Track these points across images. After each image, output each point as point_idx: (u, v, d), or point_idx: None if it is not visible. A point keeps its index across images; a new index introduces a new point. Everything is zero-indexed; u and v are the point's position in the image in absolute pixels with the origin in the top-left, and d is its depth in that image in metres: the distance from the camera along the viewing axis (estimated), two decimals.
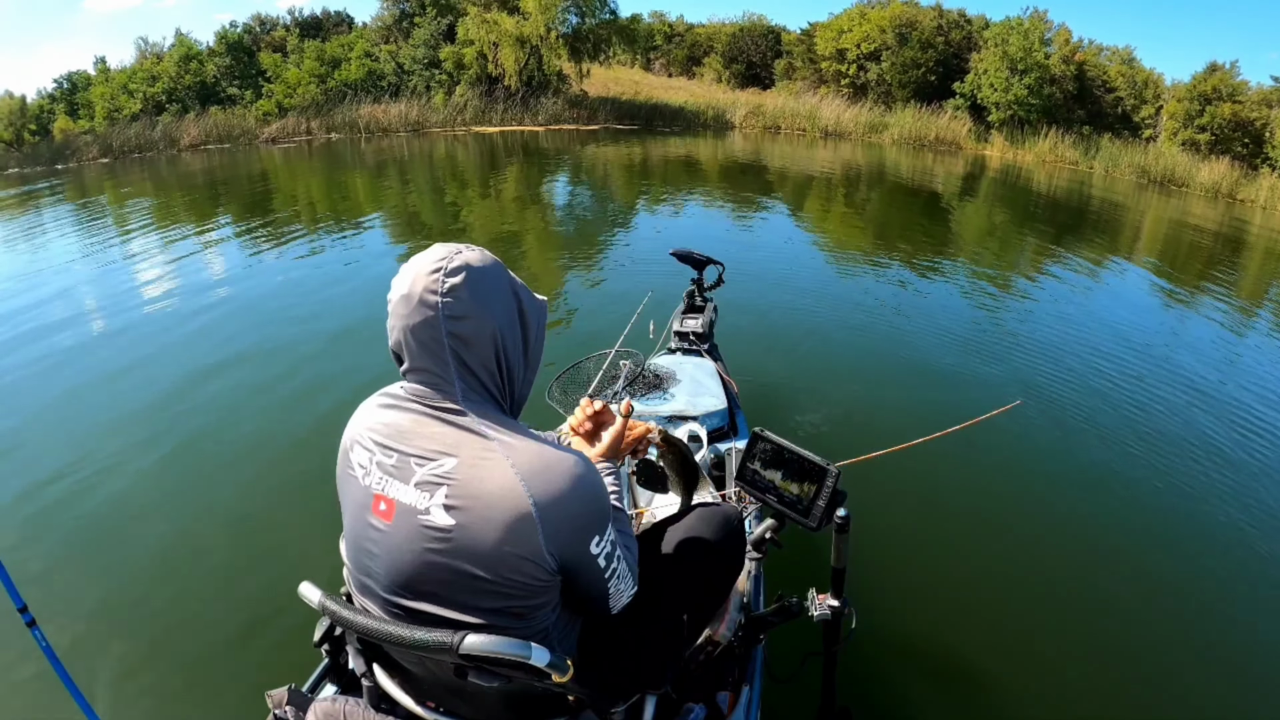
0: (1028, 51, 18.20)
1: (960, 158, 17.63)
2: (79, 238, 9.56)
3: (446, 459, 0.95)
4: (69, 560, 2.73)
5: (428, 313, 0.97)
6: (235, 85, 20.50)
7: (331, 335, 5.06)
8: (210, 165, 17.00)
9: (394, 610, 1.02)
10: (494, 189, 11.86)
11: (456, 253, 1.00)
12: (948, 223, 10.16)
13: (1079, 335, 5.39)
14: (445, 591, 0.97)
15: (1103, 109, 18.97)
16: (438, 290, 0.96)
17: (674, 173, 13.56)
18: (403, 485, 0.97)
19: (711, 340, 3.19)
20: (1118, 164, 17.02)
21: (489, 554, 0.93)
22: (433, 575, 0.96)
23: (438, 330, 0.97)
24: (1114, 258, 8.58)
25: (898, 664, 2.17)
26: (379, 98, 19.45)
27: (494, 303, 1.00)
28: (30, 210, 12.88)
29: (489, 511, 0.93)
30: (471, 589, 0.96)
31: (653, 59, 25.66)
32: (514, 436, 0.98)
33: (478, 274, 0.99)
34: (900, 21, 19.73)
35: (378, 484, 1.00)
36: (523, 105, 19.26)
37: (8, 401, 4.19)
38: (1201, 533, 3.08)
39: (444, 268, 0.98)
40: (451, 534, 0.93)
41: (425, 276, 0.97)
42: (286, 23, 21.51)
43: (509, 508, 0.93)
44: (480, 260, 1.01)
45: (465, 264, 0.99)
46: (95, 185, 15.67)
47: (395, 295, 1.00)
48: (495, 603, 0.97)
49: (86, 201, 13.47)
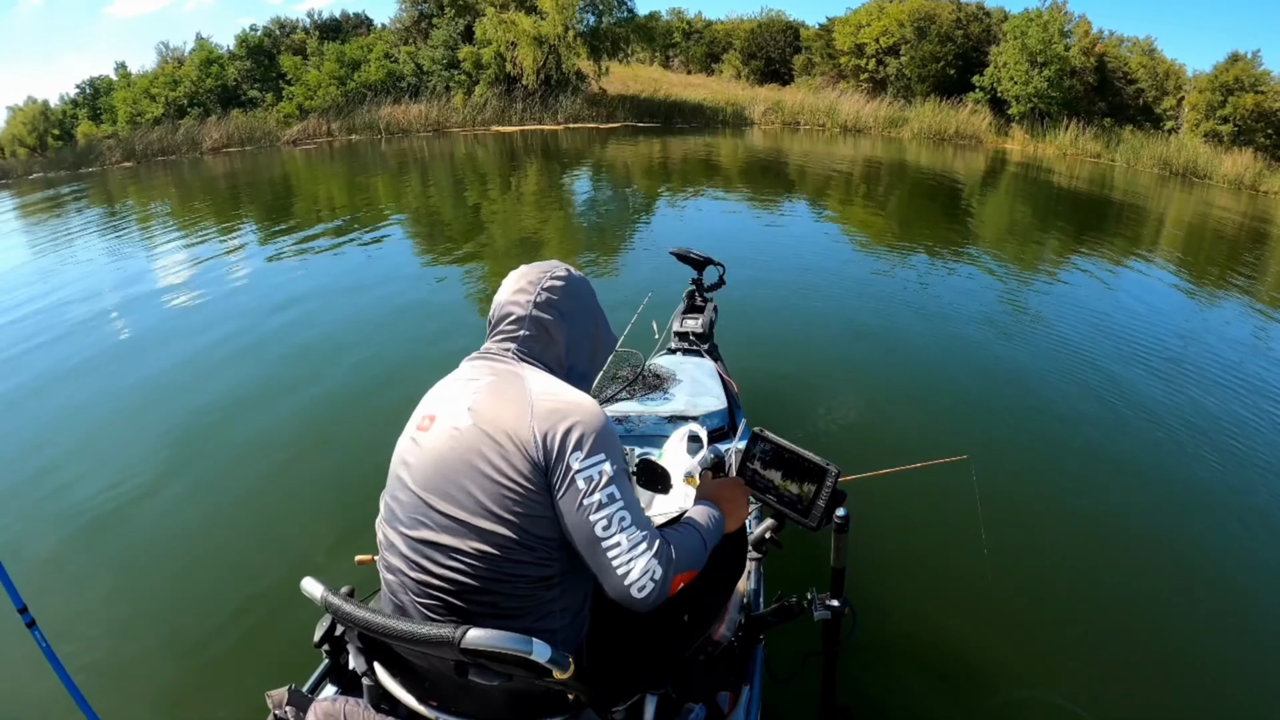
0: (1047, 44, 18.10)
1: (980, 152, 17.57)
2: (102, 238, 9.74)
3: (485, 378, 1.16)
4: (69, 560, 2.73)
5: (526, 295, 1.22)
6: (256, 88, 20.67)
7: (339, 339, 5.02)
8: (233, 167, 17.21)
9: (419, 519, 1.10)
10: (514, 188, 11.92)
11: (564, 268, 1.27)
12: (966, 220, 10.05)
13: (1088, 341, 5.20)
14: (462, 488, 1.07)
15: (1124, 101, 18.86)
16: (539, 284, 1.23)
17: (692, 171, 13.52)
18: (447, 405, 1.15)
19: (711, 340, 3.18)
20: (1139, 156, 16.92)
21: (492, 444, 1.07)
22: (451, 471, 1.08)
23: (527, 302, 1.22)
24: (1137, 253, 8.47)
25: (898, 664, 2.17)
26: (399, 99, 19.57)
27: (579, 315, 1.26)
28: (55, 214, 13.07)
29: (498, 410, 1.10)
30: (482, 486, 1.06)
31: (671, 56, 25.68)
32: (548, 376, 1.19)
33: (572, 288, 1.26)
34: (919, 15, 19.65)
35: (429, 407, 1.19)
36: (542, 104, 19.32)
37: (8, 402, 4.22)
38: (1208, 531, 3.03)
39: (552, 272, 1.25)
40: (466, 431, 1.09)
41: (537, 272, 1.25)
42: (306, 25, 21.67)
43: (514, 404, 1.10)
44: (578, 280, 1.28)
45: (566, 277, 1.26)
46: (119, 188, 15.87)
47: (509, 278, 1.27)
48: (503, 508, 1.05)
49: (110, 204, 13.66)
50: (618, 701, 1.20)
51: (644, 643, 1.27)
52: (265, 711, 1.16)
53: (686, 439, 2.15)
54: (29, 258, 8.78)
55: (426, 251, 7.93)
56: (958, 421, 3.84)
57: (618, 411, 2.37)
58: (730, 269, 3.34)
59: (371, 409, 3.76)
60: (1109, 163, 17.10)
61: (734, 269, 3.41)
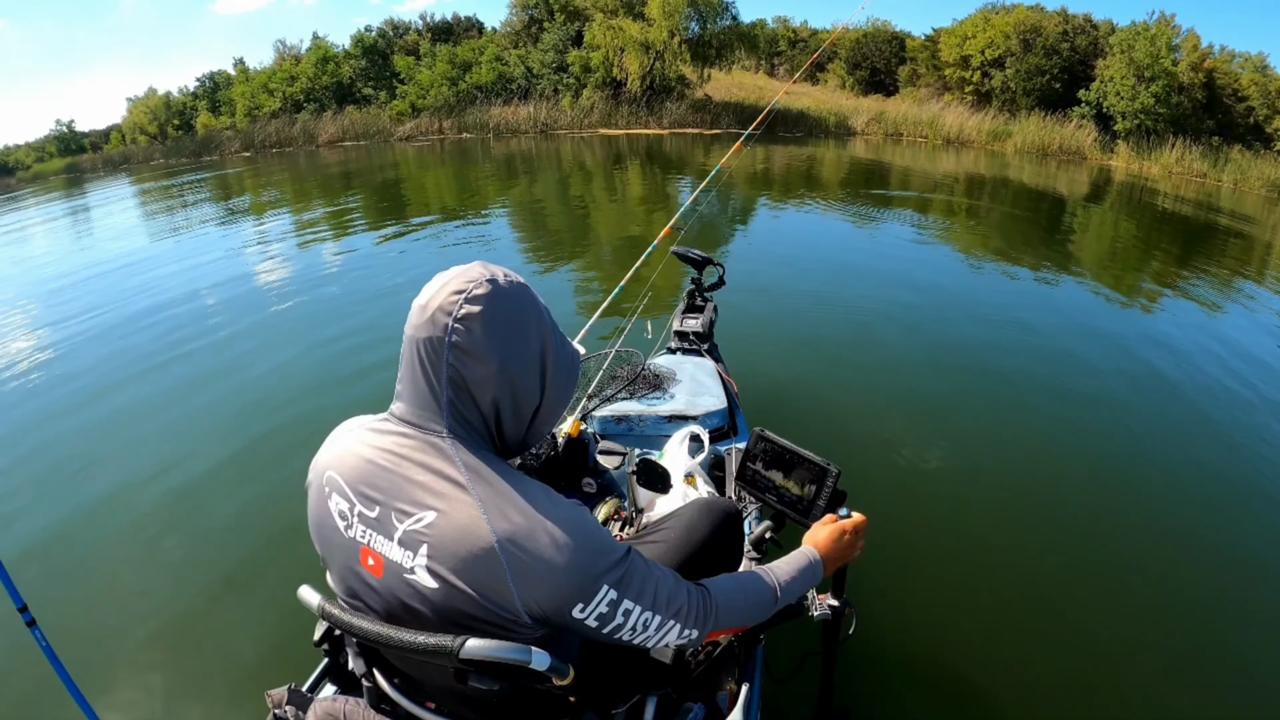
0: (1154, 58, 17.76)
1: (1084, 168, 17.39)
2: (220, 220, 10.26)
3: (426, 513, 0.90)
4: (70, 560, 2.72)
5: (435, 333, 0.89)
6: (370, 86, 21.56)
7: (345, 342, 4.81)
8: (347, 161, 17.85)
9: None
10: (619, 189, 12.09)
11: (486, 280, 0.90)
12: (1053, 237, 9.36)
13: (1100, 349, 4.94)
14: (443, 629, 0.94)
15: (1233, 119, 18.46)
16: (451, 314, 0.88)
17: (794, 179, 13.41)
18: (387, 541, 0.92)
19: (711, 340, 3.15)
20: (1246, 177, 16.67)
21: (474, 613, 0.90)
22: (424, 622, 0.93)
23: (439, 357, 0.90)
24: (1244, 278, 7.59)
25: (897, 664, 2.15)
26: (508, 100, 20.21)
27: (510, 345, 0.91)
28: (182, 197, 13.86)
29: (468, 574, 0.88)
30: (469, 632, 0.91)
31: (777, 65, 25.70)
32: (498, 489, 0.90)
33: (500, 311, 0.90)
34: (1025, 27, 19.38)
35: (362, 536, 0.95)
36: (647, 108, 19.67)
37: (9, 400, 4.24)
38: (1221, 529, 2.96)
39: (466, 292, 0.89)
40: (435, 596, 0.90)
41: (445, 296, 0.89)
42: (418, 27, 22.49)
43: (485, 571, 0.88)
44: (510, 296, 0.91)
45: (489, 296, 0.89)
46: (238, 177, 16.63)
47: (413, 306, 0.92)
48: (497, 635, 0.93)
49: (234, 191, 14.31)
50: (618, 703, 1.21)
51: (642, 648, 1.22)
52: (265, 711, 1.16)
53: (688, 439, 2.13)
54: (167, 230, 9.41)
55: (532, 248, 8.03)
56: (960, 423, 3.78)
57: (618, 411, 2.35)
58: (791, 273, 3.26)
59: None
60: (1215, 183, 16.84)
61: (748, 268, 3.35)
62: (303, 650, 1.41)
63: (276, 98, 22.11)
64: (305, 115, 21.55)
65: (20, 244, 11.00)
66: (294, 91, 21.95)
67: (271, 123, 21.82)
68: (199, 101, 23.84)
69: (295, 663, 1.48)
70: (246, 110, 22.35)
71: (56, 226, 12.56)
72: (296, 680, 1.25)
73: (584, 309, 5.09)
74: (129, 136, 25.39)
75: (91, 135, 27.05)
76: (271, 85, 22.27)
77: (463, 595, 0.89)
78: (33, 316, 6.20)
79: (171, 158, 23.03)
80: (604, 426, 2.32)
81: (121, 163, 24.02)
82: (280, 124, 21.69)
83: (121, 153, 24.88)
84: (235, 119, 22.55)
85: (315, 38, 22.51)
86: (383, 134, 20.78)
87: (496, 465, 0.93)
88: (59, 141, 26.85)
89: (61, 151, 26.48)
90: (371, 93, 21.37)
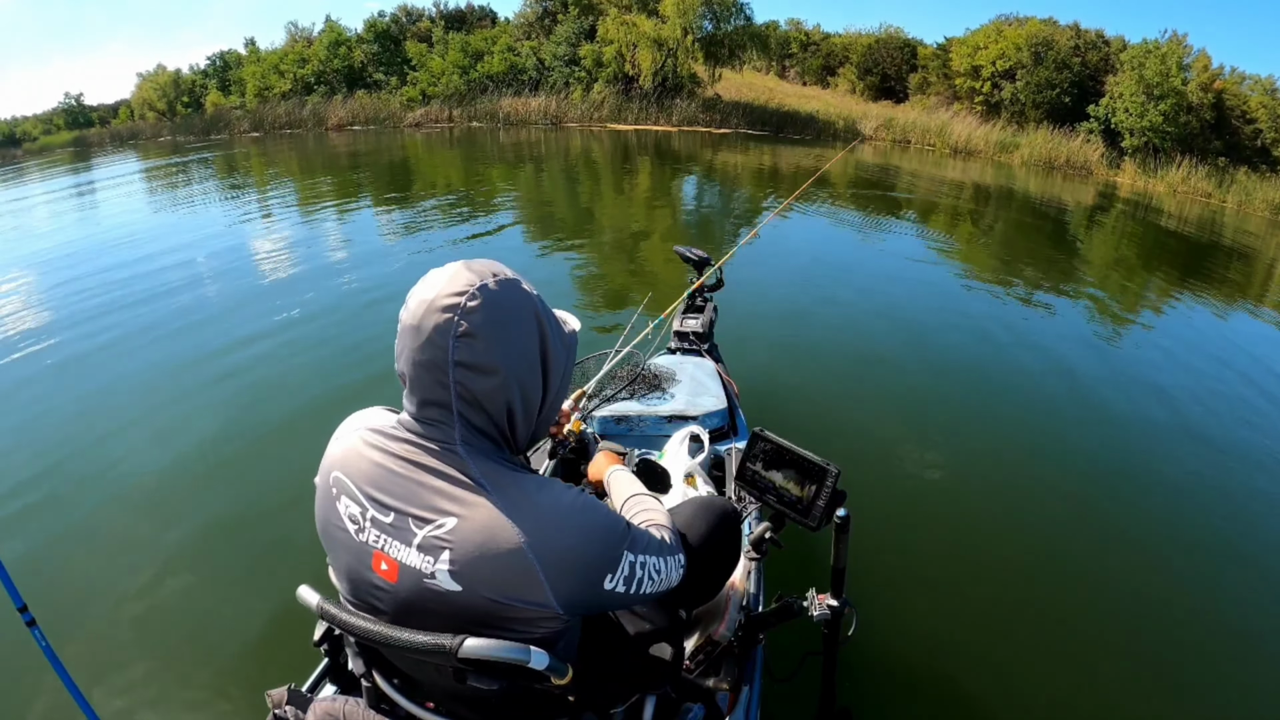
0: (1165, 76, 17.80)
1: (1090, 183, 17.40)
2: (224, 197, 10.31)
3: (447, 519, 0.89)
4: (70, 560, 2.71)
5: (436, 356, 0.87)
6: (381, 71, 21.55)
7: (347, 340, 4.78)
8: (355, 145, 17.85)
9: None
10: (625, 185, 12.08)
11: (478, 286, 0.88)
12: (1055, 250, 9.48)
13: (1100, 360, 4.99)
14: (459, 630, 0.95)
15: (1241, 141, 18.49)
16: (449, 334, 0.86)
17: (802, 181, 13.48)
18: (405, 547, 0.91)
19: (711, 340, 3.16)
20: (1251, 199, 16.74)
21: (499, 613, 0.90)
22: (444, 628, 0.91)
23: (445, 376, 0.88)
24: (1243, 300, 7.66)
25: (898, 664, 2.16)
26: (519, 91, 20.21)
27: (514, 348, 0.90)
28: (184, 174, 13.85)
29: (494, 576, 0.89)
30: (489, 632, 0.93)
31: (787, 67, 25.78)
32: (515, 487, 0.91)
33: (497, 318, 0.88)
34: (1037, 40, 19.44)
35: (375, 541, 0.93)
36: (657, 105, 19.68)
37: (9, 400, 4.18)
38: (1218, 531, 2.99)
39: (461, 305, 0.86)
40: (459, 599, 0.90)
41: (438, 313, 0.86)
42: (432, 15, 22.47)
43: (516, 571, 0.88)
44: (502, 301, 0.89)
45: (484, 307, 0.87)
46: (244, 156, 16.65)
47: (404, 323, 0.90)
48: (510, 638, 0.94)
49: (235, 169, 14.32)
50: (617, 702, 1.21)
51: (642, 642, 1.25)
52: (265, 711, 1.15)
53: (688, 439, 2.14)
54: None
55: (539, 236, 8.03)
56: (961, 426, 3.81)
57: (618, 411, 2.35)
58: (792, 274, 3.25)
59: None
60: (1219, 203, 16.90)
61: (753, 268, 3.32)
62: (303, 650, 1.41)
63: (287, 79, 22.10)
64: (315, 98, 21.53)
65: (18, 215, 11.02)
66: (305, 74, 21.93)
67: (281, 104, 21.81)
68: (209, 80, 23.82)
69: (295, 663, 1.48)
70: (256, 90, 22.33)
71: (58, 200, 12.56)
72: (296, 680, 1.26)
73: (584, 308, 5.11)
74: (137, 112, 25.36)
75: (100, 110, 26.99)
76: (282, 67, 22.27)
77: (488, 596, 0.90)
78: (27, 298, 6.13)
79: (180, 134, 22.99)
80: (604, 427, 2.33)
81: (129, 138, 23.95)
82: (290, 105, 21.68)
83: (130, 128, 24.82)
84: (245, 99, 22.53)
85: (328, 20, 22.52)
86: (392, 120, 20.76)
87: (508, 466, 0.95)
88: (67, 114, 26.77)
89: (69, 124, 26.39)
90: (383, 78, 21.37)
